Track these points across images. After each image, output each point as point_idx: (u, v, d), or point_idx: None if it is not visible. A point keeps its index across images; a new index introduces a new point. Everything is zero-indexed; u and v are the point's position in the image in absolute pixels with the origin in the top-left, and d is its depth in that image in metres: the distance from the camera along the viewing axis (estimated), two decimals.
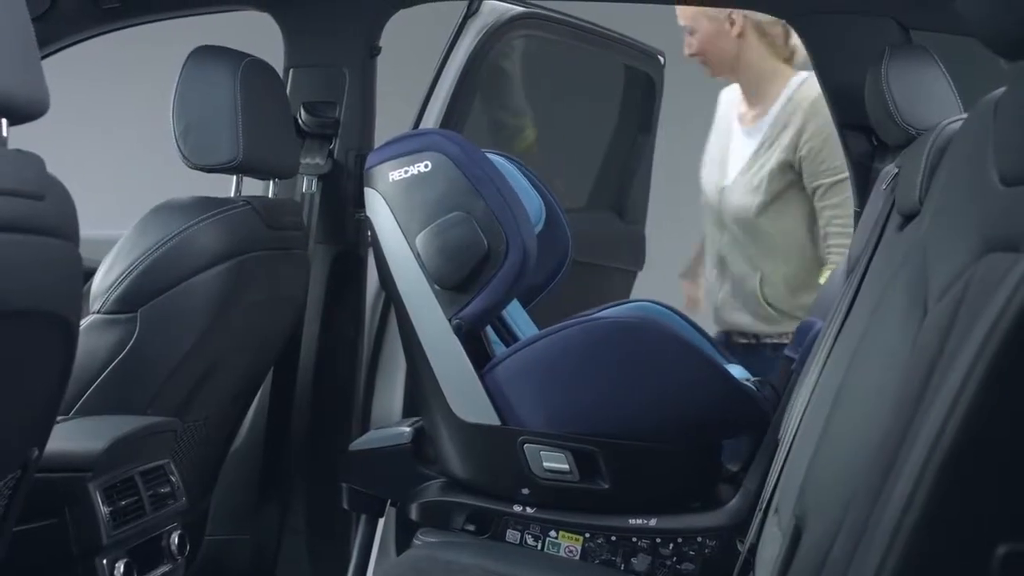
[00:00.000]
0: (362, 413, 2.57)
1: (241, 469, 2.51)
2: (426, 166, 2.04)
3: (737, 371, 2.18)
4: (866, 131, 2.37)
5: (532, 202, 2.31)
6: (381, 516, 2.31)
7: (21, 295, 1.31)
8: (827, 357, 1.71)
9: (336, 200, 2.53)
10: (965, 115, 1.35)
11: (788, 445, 1.71)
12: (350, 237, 2.55)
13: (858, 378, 1.32)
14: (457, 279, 2.02)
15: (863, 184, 2.41)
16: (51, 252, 1.36)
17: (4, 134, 1.31)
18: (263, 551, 2.52)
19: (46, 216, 1.34)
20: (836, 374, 1.55)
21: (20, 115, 1.32)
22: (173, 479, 1.91)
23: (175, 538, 1.89)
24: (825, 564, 1.13)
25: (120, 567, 1.71)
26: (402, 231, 2.06)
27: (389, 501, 2.27)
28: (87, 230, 1.48)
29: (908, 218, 1.57)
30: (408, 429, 2.23)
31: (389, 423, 2.43)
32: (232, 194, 2.23)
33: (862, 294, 1.69)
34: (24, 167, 1.31)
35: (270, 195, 2.39)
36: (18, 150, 1.32)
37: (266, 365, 2.44)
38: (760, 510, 1.73)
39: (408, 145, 2.08)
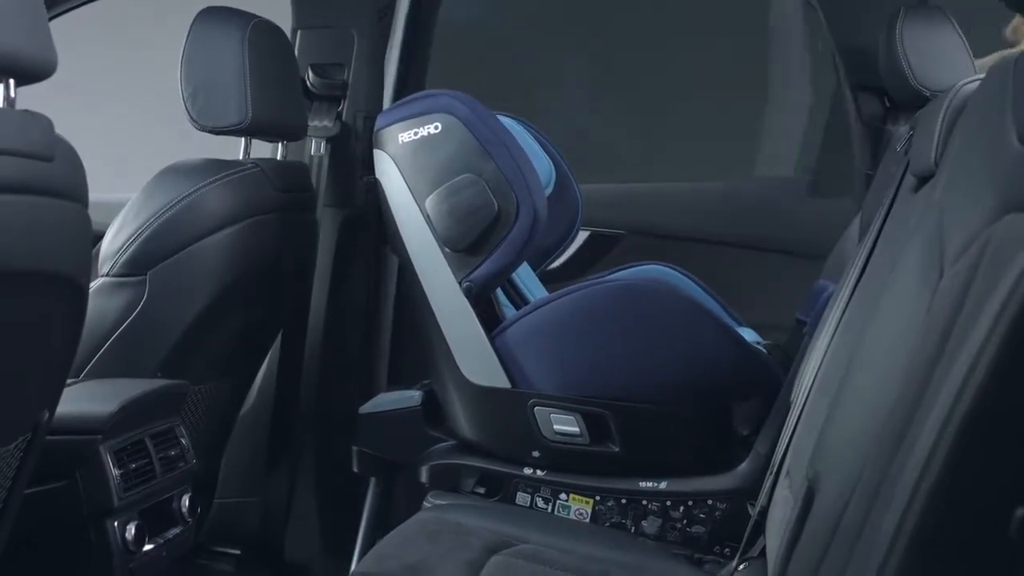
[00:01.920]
0: (370, 376, 2.57)
1: (250, 433, 2.51)
2: (436, 127, 2.03)
3: (748, 334, 2.17)
4: (878, 92, 2.36)
5: (542, 164, 2.29)
6: (391, 479, 2.31)
7: (31, 257, 1.31)
8: (840, 320, 1.70)
9: (345, 163, 2.51)
10: (982, 75, 1.34)
11: (800, 408, 1.70)
12: (359, 200, 2.53)
13: (873, 341, 1.31)
14: (467, 242, 2.01)
15: (875, 146, 2.40)
16: (61, 214, 1.35)
17: (12, 95, 1.30)
18: (272, 514, 2.52)
19: (55, 177, 1.33)
20: (849, 337, 1.54)
21: (28, 75, 1.31)
22: (183, 441, 1.91)
23: (186, 500, 1.89)
24: (839, 526, 1.13)
25: (131, 529, 1.70)
26: (411, 193, 2.05)
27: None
28: (95, 193, 1.47)
29: (922, 180, 1.56)
30: (418, 392, 2.23)
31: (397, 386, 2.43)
32: (241, 156, 2.22)
33: (875, 257, 1.68)
34: (32, 128, 1.30)
35: (278, 158, 2.38)
36: (26, 111, 1.31)
37: (275, 328, 2.44)
38: (771, 473, 1.72)
39: (418, 107, 2.06)
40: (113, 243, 2.01)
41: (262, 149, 2.33)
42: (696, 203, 2.89)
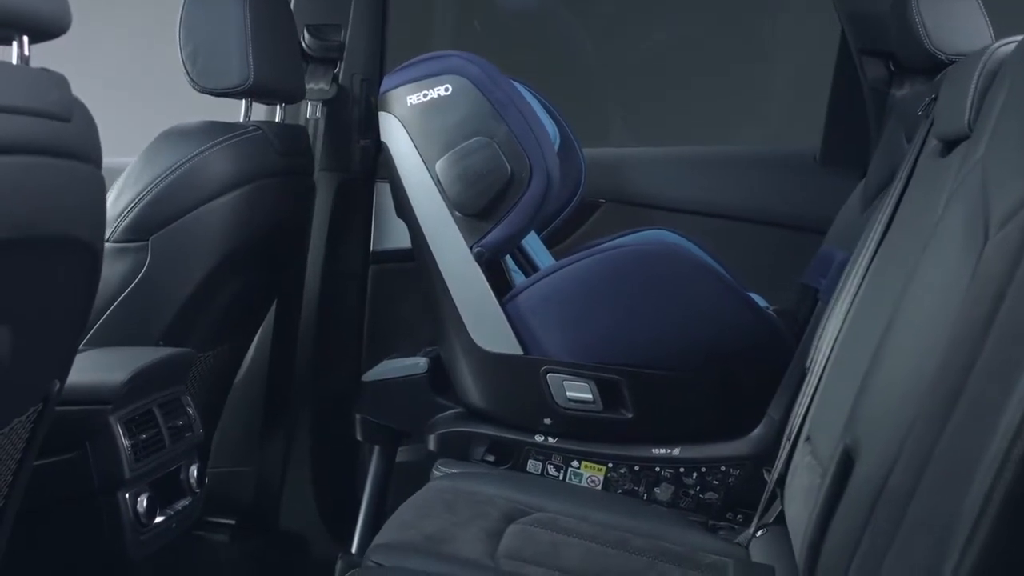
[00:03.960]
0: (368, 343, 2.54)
1: (244, 401, 2.47)
2: (446, 89, 1.98)
3: (756, 299, 2.16)
4: (884, 56, 2.33)
5: (548, 128, 2.26)
6: (396, 447, 2.29)
7: (49, 221, 1.27)
8: (859, 286, 1.68)
9: (341, 126, 2.47)
10: (1018, 38, 1.31)
11: (818, 374, 1.69)
12: (355, 164, 2.49)
13: (912, 306, 1.29)
14: (479, 206, 1.98)
15: (879, 110, 2.38)
16: (77, 176, 1.31)
17: (26, 52, 1.26)
18: (267, 483, 2.50)
19: (72, 139, 1.28)
20: (876, 304, 1.53)
21: (41, 32, 1.27)
22: (190, 411, 1.87)
23: (193, 471, 1.85)
24: (882, 493, 1.11)
25: (143, 501, 1.67)
26: (421, 157, 2.01)
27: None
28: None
29: (950, 144, 1.54)
30: (424, 359, 2.20)
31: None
32: (241, 119, 2.17)
33: (898, 222, 1.66)
34: (49, 87, 1.26)
35: (276, 120, 2.33)
36: (43, 69, 1.27)
37: (272, 294, 2.40)
38: (788, 439, 1.71)
39: (427, 68, 2.02)
40: (113, 208, 1.95)
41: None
42: (685, 169, 2.79)
